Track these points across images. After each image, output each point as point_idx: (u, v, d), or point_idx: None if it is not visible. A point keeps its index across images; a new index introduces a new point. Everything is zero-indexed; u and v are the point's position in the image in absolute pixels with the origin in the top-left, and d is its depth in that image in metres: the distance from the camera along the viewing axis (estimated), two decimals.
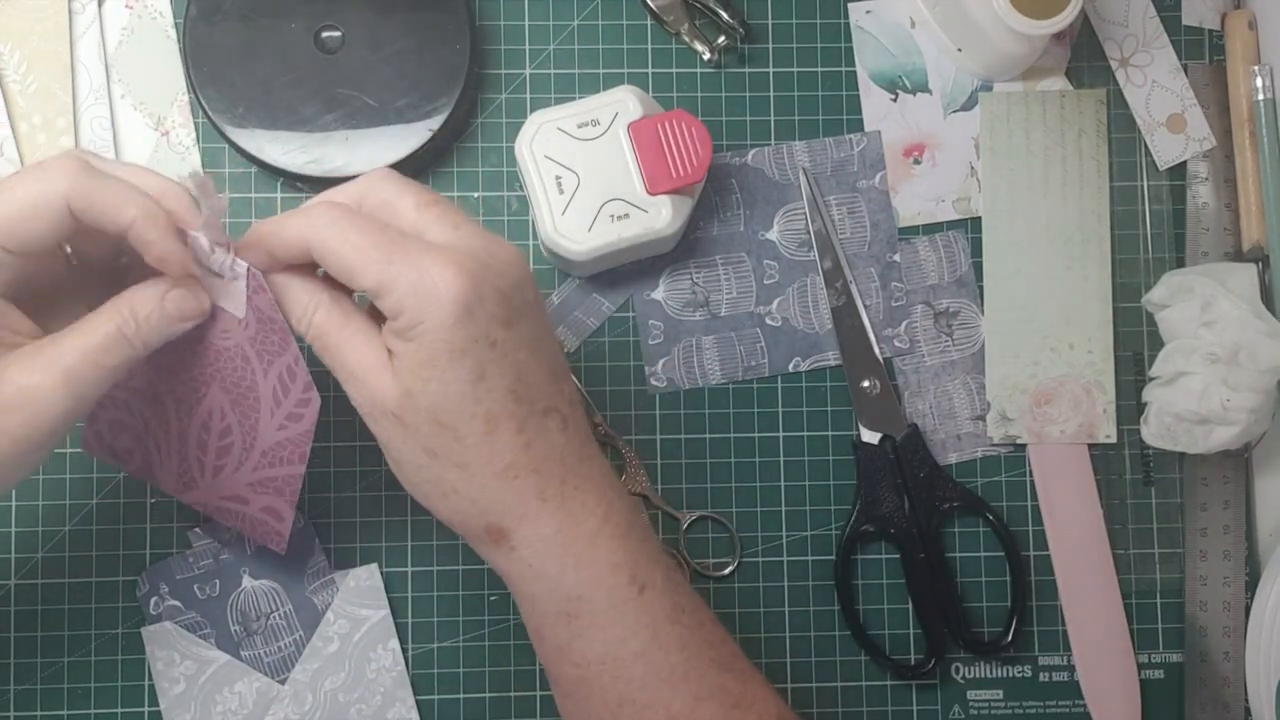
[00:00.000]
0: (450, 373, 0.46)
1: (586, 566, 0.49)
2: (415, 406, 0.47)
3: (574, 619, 0.50)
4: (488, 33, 0.66)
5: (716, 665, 0.51)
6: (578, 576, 0.49)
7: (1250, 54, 0.67)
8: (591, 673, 0.50)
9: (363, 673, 0.63)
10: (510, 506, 0.49)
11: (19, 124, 0.63)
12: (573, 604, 0.50)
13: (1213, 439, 0.62)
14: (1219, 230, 0.67)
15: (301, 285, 0.49)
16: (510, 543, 0.49)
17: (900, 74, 0.67)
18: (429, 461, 0.48)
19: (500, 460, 0.48)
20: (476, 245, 0.47)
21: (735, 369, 0.65)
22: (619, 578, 0.50)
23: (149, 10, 0.65)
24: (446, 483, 0.49)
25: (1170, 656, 0.66)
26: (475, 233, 0.48)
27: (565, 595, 0.50)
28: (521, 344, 0.48)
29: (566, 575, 0.49)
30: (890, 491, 0.64)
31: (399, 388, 0.47)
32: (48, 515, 0.63)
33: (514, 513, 0.49)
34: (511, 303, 0.47)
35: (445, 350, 0.46)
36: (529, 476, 0.49)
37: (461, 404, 0.47)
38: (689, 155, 0.60)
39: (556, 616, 0.50)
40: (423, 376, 0.46)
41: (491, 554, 0.51)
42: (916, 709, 0.65)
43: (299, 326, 0.49)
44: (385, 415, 0.48)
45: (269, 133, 0.62)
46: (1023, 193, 0.67)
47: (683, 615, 0.51)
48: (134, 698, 0.62)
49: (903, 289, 0.66)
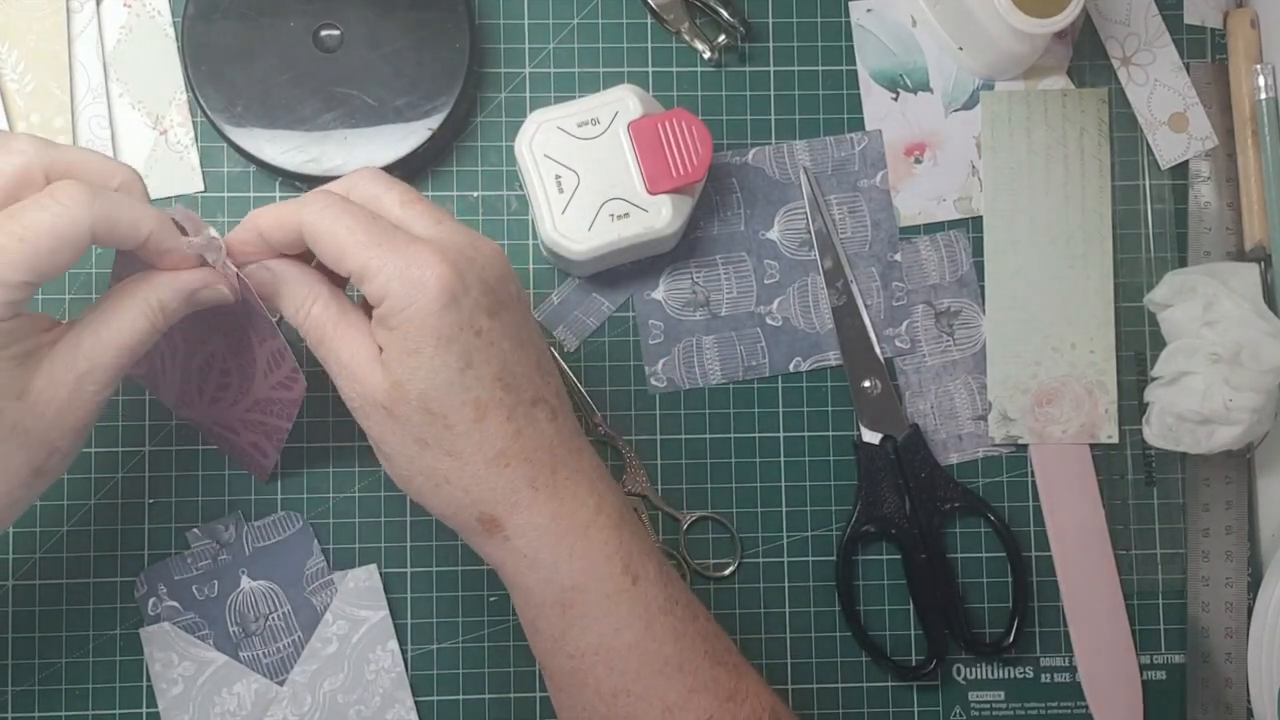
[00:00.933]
0: (437, 359, 0.47)
1: (580, 556, 0.50)
2: (405, 397, 0.48)
3: (568, 609, 0.50)
4: (487, 31, 0.66)
5: (710, 658, 0.51)
6: (571, 566, 0.50)
7: (1252, 52, 0.67)
8: (585, 664, 0.50)
9: (361, 674, 0.63)
10: (503, 494, 0.49)
11: (17, 123, 0.63)
12: (567, 594, 0.50)
13: (1215, 439, 0.62)
14: (1221, 229, 0.67)
15: (300, 278, 0.50)
16: (504, 531, 0.50)
17: (901, 73, 0.67)
18: (420, 452, 0.49)
19: (491, 447, 0.49)
20: (460, 239, 0.49)
21: (736, 369, 0.65)
22: (613, 568, 0.50)
23: (147, 9, 0.65)
24: (438, 473, 0.49)
25: (1172, 657, 0.66)
26: (457, 229, 0.49)
27: (559, 585, 0.50)
28: (506, 334, 0.49)
29: (560, 565, 0.50)
30: (891, 492, 0.64)
31: (388, 379, 0.48)
32: (46, 516, 0.63)
33: (507, 501, 0.49)
34: (496, 294, 0.48)
35: (431, 337, 0.47)
36: (520, 464, 0.49)
37: (450, 391, 0.47)
38: (689, 154, 0.60)
39: (551, 607, 0.50)
40: (410, 365, 0.47)
41: (485, 545, 0.51)
42: (918, 710, 0.65)
43: (296, 317, 0.50)
44: (376, 408, 0.48)
45: (267, 132, 0.62)
46: (1024, 192, 0.66)
47: (676, 607, 0.51)
48: (132, 699, 0.62)
49: (904, 288, 0.66)
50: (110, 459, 0.63)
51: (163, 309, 0.49)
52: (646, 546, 0.52)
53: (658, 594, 0.51)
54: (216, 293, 0.50)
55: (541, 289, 0.65)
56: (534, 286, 0.65)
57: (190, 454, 0.63)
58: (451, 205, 0.65)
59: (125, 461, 0.63)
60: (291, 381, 0.55)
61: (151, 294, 0.49)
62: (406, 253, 0.47)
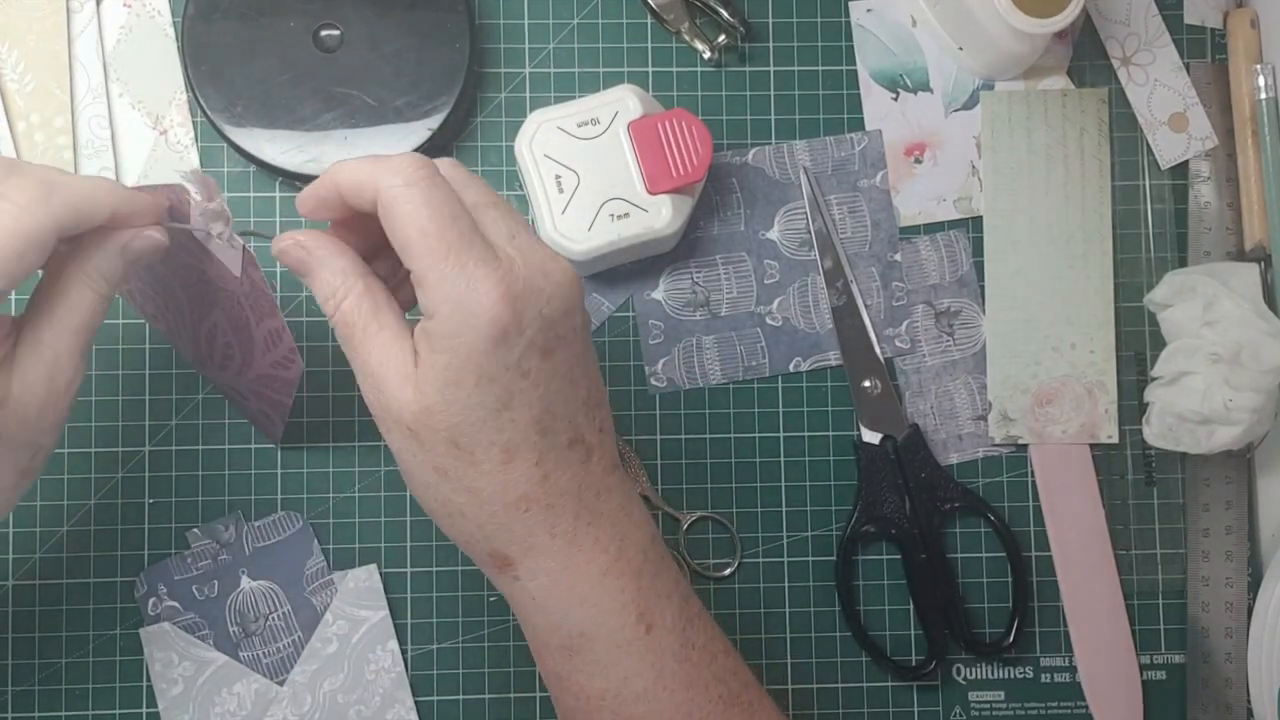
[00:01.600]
0: (475, 396, 0.44)
1: (592, 605, 0.48)
2: (432, 424, 0.45)
3: (575, 654, 0.48)
4: (487, 31, 0.66)
5: (724, 701, 0.50)
6: (582, 614, 0.48)
7: (1252, 52, 0.67)
8: (591, 706, 0.49)
9: (362, 674, 0.63)
10: (519, 537, 0.47)
11: (16, 123, 0.63)
12: (574, 640, 0.48)
13: (1215, 439, 0.62)
14: (1221, 229, 0.67)
15: (335, 266, 0.47)
16: (515, 572, 0.48)
17: (901, 73, 0.67)
18: (438, 480, 0.46)
19: (513, 491, 0.46)
20: (533, 262, 0.45)
21: (736, 369, 0.65)
22: (625, 617, 0.48)
23: (147, 9, 0.65)
24: (454, 505, 0.47)
25: (1172, 657, 0.66)
26: (533, 246, 0.46)
27: (568, 631, 0.48)
28: (556, 374, 0.46)
29: (570, 612, 0.48)
30: (891, 492, 0.64)
31: (419, 401, 0.45)
32: (45, 516, 0.63)
33: (521, 544, 0.47)
34: (555, 330, 0.45)
35: (474, 373, 0.44)
36: (541, 511, 0.47)
37: (481, 430, 0.45)
38: (689, 154, 0.60)
39: (557, 649, 0.49)
40: (446, 395, 0.44)
41: (495, 578, 0.49)
42: (918, 710, 0.65)
43: (325, 308, 0.47)
44: (399, 426, 0.46)
45: (267, 131, 0.62)
46: (1024, 192, 0.66)
47: (692, 652, 0.49)
48: (132, 699, 0.62)
49: (904, 288, 0.66)
50: (110, 459, 0.63)
51: (102, 275, 0.47)
52: (667, 587, 0.49)
53: (672, 641, 0.49)
54: (149, 240, 0.47)
55: None
56: None
57: (190, 454, 0.63)
58: None
59: (125, 461, 0.63)
60: (289, 362, 0.54)
61: (86, 264, 0.47)
62: (471, 275, 0.43)
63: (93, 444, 0.63)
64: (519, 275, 0.44)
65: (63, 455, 0.63)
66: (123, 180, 0.64)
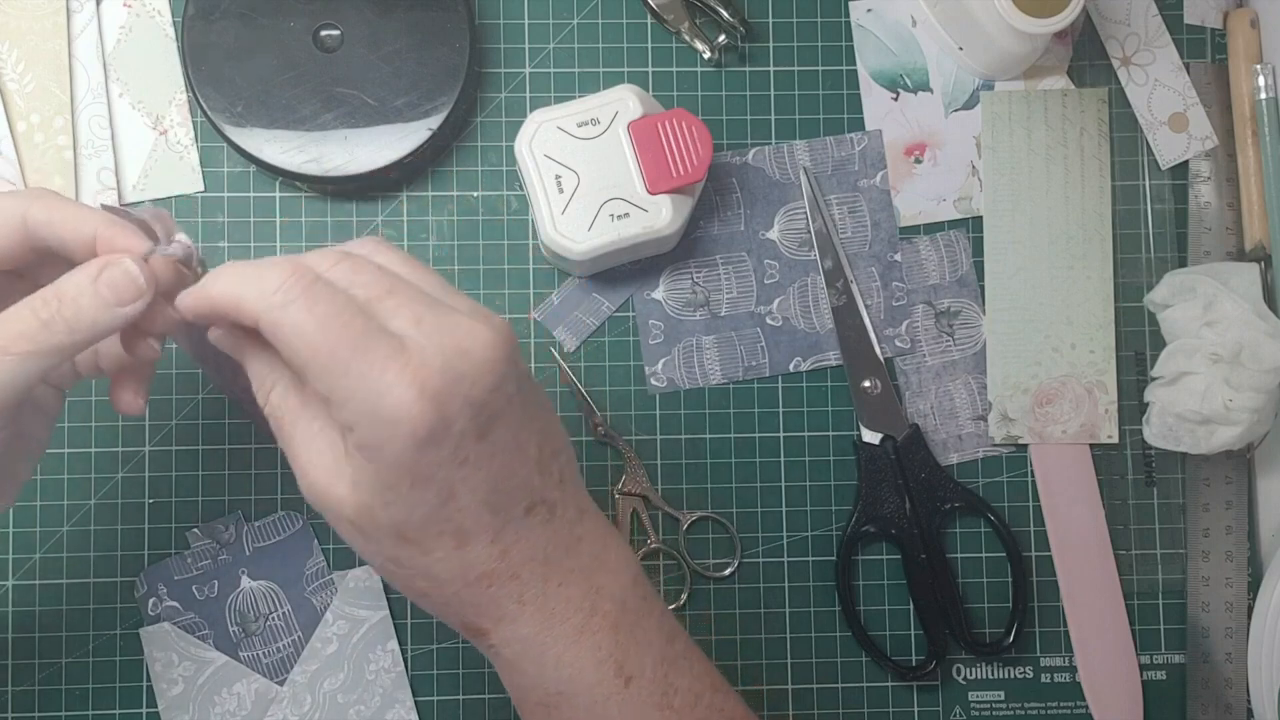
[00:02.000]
0: (414, 496, 0.42)
1: (567, 665, 0.46)
2: (374, 521, 0.42)
3: (553, 710, 0.47)
4: (487, 31, 0.66)
5: None
6: (558, 674, 0.46)
7: (1252, 52, 0.67)
8: None
9: (361, 674, 0.62)
10: (487, 611, 0.45)
11: (16, 123, 0.63)
12: (552, 698, 0.47)
13: (1215, 439, 0.62)
14: (1221, 229, 0.67)
15: (260, 356, 0.44)
16: (489, 640, 0.47)
17: (901, 73, 0.67)
18: (394, 569, 0.44)
19: (473, 572, 0.44)
20: (446, 345, 0.41)
21: (736, 369, 0.65)
22: (603, 672, 0.46)
23: (147, 9, 0.65)
24: (415, 588, 0.45)
25: (1172, 657, 0.66)
26: (440, 326, 0.41)
27: (545, 690, 0.47)
28: (498, 449, 0.43)
29: (546, 674, 0.46)
30: (891, 492, 0.64)
31: (356, 499, 0.42)
32: (45, 516, 0.63)
33: (491, 615, 0.46)
34: (486, 410, 0.42)
35: (407, 477, 0.41)
36: (506, 583, 0.45)
37: (428, 524, 0.42)
38: (689, 154, 0.60)
39: (536, 706, 0.48)
40: (384, 498, 0.42)
41: (472, 641, 0.48)
42: (918, 710, 0.65)
43: (259, 399, 0.45)
44: (340, 520, 0.43)
45: (267, 131, 0.62)
46: (1024, 192, 0.66)
47: (674, 698, 0.48)
48: (132, 699, 0.62)
49: (904, 288, 0.66)
50: (110, 459, 0.63)
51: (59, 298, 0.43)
52: (648, 634, 0.48)
53: (653, 691, 0.47)
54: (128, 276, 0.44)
55: (541, 289, 0.65)
56: (534, 287, 0.65)
57: (190, 454, 0.63)
58: (452, 205, 0.65)
59: (125, 461, 0.63)
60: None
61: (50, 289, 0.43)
62: (379, 381, 0.40)
63: (93, 444, 0.63)
64: (433, 367, 0.40)
65: (63, 455, 0.63)
66: (122, 180, 0.64)
